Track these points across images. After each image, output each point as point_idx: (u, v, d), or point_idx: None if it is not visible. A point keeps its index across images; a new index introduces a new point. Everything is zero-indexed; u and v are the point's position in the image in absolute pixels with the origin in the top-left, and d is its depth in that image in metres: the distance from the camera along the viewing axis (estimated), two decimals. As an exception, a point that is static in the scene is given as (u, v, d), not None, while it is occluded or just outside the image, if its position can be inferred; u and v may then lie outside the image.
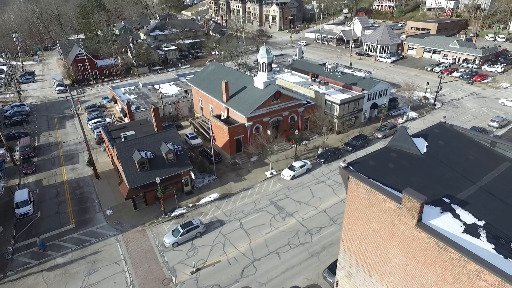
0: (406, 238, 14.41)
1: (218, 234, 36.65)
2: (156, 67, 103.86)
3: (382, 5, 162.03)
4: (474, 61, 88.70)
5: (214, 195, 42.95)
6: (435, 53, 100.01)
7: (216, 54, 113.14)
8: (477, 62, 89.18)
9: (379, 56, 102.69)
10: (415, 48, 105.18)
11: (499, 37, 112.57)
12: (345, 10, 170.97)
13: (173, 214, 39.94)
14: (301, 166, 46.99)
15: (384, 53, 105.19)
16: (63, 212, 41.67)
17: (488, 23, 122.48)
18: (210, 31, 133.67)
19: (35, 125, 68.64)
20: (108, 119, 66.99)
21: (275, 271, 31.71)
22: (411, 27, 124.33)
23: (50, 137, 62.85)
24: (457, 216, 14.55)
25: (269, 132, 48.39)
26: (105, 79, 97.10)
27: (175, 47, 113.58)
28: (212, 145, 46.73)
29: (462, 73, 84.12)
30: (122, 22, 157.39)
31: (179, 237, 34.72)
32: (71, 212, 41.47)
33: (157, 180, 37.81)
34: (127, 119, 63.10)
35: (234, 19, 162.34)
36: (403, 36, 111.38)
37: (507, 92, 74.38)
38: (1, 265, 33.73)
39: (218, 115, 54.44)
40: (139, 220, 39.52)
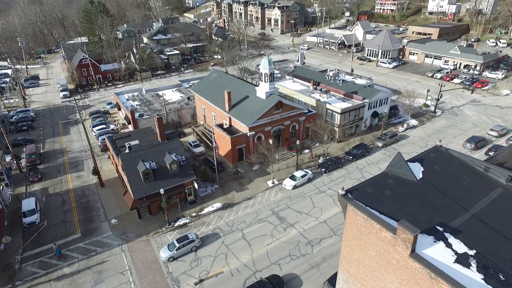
0: (400, 266, 15.22)
1: (220, 245, 37.51)
2: (159, 72, 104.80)
3: (384, 9, 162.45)
4: (475, 67, 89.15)
5: (217, 205, 43.81)
6: (436, 59, 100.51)
7: (219, 58, 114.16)
8: (478, 68, 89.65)
9: (381, 62, 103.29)
10: (417, 54, 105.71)
11: (500, 42, 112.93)
12: (347, 13, 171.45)
13: (176, 224, 40.81)
14: (302, 176, 47.78)
15: (386, 58, 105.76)
16: (69, 221, 42.63)
17: (490, 28, 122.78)
18: (213, 35, 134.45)
19: (40, 131, 69.67)
20: (112, 126, 67.96)
21: (276, 283, 32.46)
22: (413, 32, 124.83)
23: (55, 143, 63.87)
24: (449, 245, 15.34)
25: (270, 141, 49.25)
26: (109, 84, 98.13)
27: (178, 51, 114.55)
28: (215, 155, 47.60)
29: (463, 80, 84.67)
30: (125, 25, 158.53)
31: (175, 252, 35.22)
32: (77, 221, 42.43)
33: (161, 191, 38.69)
34: (130, 126, 64.07)
35: (236, 21, 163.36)
36: (405, 41, 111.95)
37: (508, 100, 74.92)
38: (10, 275, 34.71)
39: (221, 124, 55.31)
40: (144, 229, 40.43)
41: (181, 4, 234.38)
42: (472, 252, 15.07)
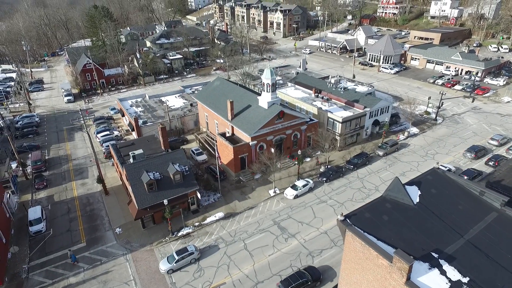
0: (397, 292, 15.89)
1: (223, 255, 38.24)
2: (162, 76, 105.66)
3: (386, 12, 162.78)
4: (477, 74, 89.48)
5: (219, 214, 44.54)
6: (438, 65, 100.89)
7: (221, 62, 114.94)
8: (479, 75, 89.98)
9: (382, 67, 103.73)
10: (418, 59, 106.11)
11: (502, 47, 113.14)
12: (349, 17, 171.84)
13: (179, 234, 41.57)
14: (304, 185, 48.43)
15: (387, 63, 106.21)
16: (74, 229, 43.47)
17: (492, 33, 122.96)
18: (215, 39, 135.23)
19: (45, 137, 70.63)
20: (116, 132, 68.80)
21: (277, 295, 33.16)
22: (414, 36, 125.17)
23: (60, 150, 64.78)
24: (443, 273, 15.97)
25: (272, 150, 49.90)
26: (112, 88, 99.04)
27: (181, 55, 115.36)
28: (218, 164, 48.33)
29: (464, 86, 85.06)
30: (128, 28, 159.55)
31: (174, 264, 35.77)
32: (82, 230, 43.27)
33: (165, 202, 39.46)
34: (134, 133, 64.95)
35: (239, 25, 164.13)
36: (406, 46, 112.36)
37: (509, 107, 75.30)
38: (18, 284, 35.57)
39: (223, 133, 56.04)
40: (147, 239, 41.21)
41: (184, 6, 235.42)
42: (465, 280, 15.70)
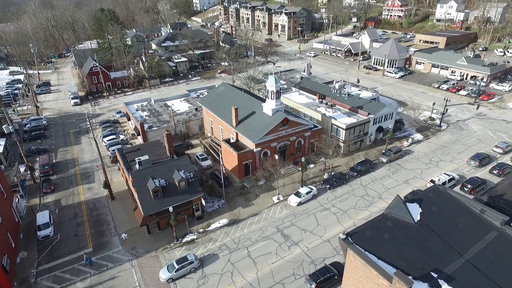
0: (396, 312, 16.29)
1: (226, 263, 38.79)
2: (167, 79, 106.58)
3: (391, 15, 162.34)
4: (482, 79, 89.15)
5: (223, 221, 45.12)
6: (443, 69, 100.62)
7: (226, 65, 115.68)
8: (484, 80, 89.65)
9: (387, 71, 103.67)
10: (423, 63, 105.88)
11: (508, 51, 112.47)
12: (354, 19, 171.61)
13: (184, 240, 42.19)
14: (307, 193, 48.82)
15: (392, 67, 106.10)
16: (81, 234, 44.29)
17: (498, 37, 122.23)
18: (220, 42, 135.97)
19: (52, 140, 71.74)
20: (121, 136, 69.73)
21: (280, 303, 33.68)
22: (420, 40, 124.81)
23: (67, 153, 65.83)
24: (442, 293, 16.38)
25: (276, 157, 50.38)
26: (118, 91, 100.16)
27: (186, 58, 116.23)
28: (222, 170, 48.90)
29: (469, 92, 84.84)
30: (134, 30, 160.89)
31: (174, 273, 36.18)
32: (89, 235, 44.07)
33: (171, 209, 40.11)
34: (140, 137, 65.77)
35: (244, 27, 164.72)
36: (411, 50, 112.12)
37: (514, 114, 74.98)
38: (26, 289, 36.41)
39: (228, 139, 56.60)
40: (153, 245, 41.89)
41: (189, 8, 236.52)
42: (464, 300, 16.07)
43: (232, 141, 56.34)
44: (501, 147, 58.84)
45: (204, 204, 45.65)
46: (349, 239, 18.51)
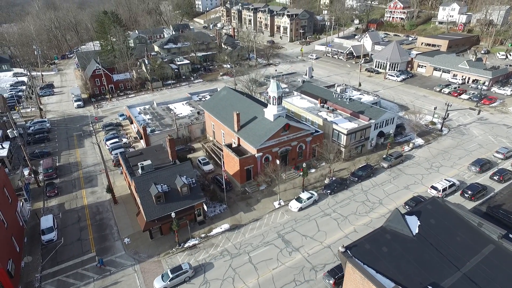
0: (394, 325, 16.67)
1: (228, 268, 39.20)
2: (169, 82, 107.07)
3: (393, 17, 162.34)
4: (484, 83, 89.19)
5: (225, 226, 45.53)
6: (445, 72, 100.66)
7: (228, 67, 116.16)
8: (486, 84, 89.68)
9: (389, 74, 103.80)
10: (425, 66, 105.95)
11: (510, 55, 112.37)
12: (356, 21, 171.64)
13: (186, 245, 42.64)
14: (308, 198, 49.17)
15: (394, 70, 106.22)
16: (84, 238, 44.81)
17: (500, 40, 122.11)
18: (222, 44, 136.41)
19: (56, 143, 72.33)
20: (124, 139, 70.25)
21: (281, 309, 34.04)
22: (422, 43, 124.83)
23: (70, 156, 66.39)
24: (439, 307, 16.72)
25: (277, 162, 50.75)
26: (121, 94, 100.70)
27: (188, 60, 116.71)
28: (224, 175, 49.31)
29: (471, 96, 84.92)
30: (136, 31, 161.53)
31: (168, 282, 36.28)
32: (92, 239, 44.59)
33: (173, 215, 40.56)
34: (142, 141, 66.27)
35: (246, 28, 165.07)
36: (413, 53, 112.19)
37: (515, 118, 75.03)
38: (31, 293, 36.94)
39: (230, 144, 57.03)
40: (155, 250, 42.36)
41: (191, 9, 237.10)
42: (460, 314, 16.41)
43: (234, 145, 56.76)
44: (502, 152, 58.97)
45: (206, 209, 46.09)
46: (348, 252, 18.89)
